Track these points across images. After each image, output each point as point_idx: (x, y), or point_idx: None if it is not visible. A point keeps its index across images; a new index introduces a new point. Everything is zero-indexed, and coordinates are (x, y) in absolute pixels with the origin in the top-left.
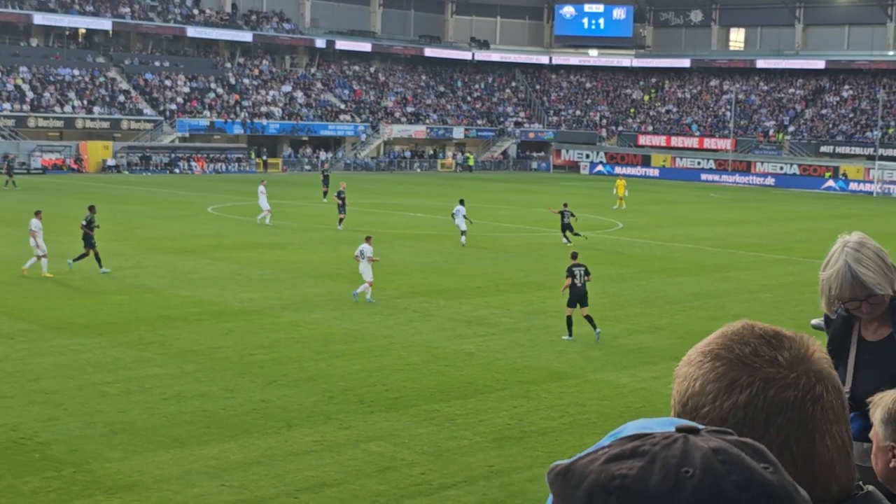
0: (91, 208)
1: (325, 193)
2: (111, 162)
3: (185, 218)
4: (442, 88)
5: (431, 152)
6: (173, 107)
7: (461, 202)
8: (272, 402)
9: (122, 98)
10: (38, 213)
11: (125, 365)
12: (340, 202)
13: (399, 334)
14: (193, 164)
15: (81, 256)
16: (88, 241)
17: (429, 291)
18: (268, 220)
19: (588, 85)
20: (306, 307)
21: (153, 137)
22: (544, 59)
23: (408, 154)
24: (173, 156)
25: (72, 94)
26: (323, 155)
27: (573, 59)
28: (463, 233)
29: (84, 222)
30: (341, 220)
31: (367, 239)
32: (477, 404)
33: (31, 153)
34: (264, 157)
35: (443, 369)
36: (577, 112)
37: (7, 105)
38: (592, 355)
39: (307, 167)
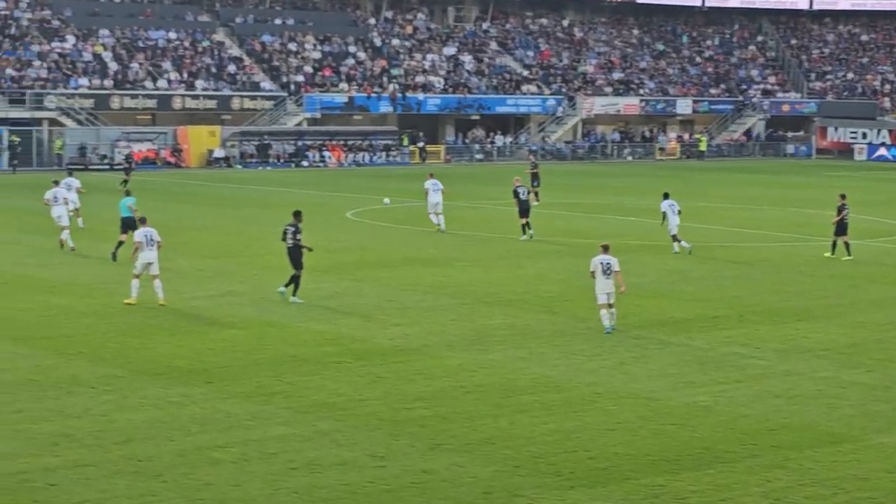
0: (297, 214)
1: (536, 195)
2: (219, 153)
3: (317, 226)
4: (661, 47)
5: (647, 134)
6: (300, 79)
7: (666, 196)
8: (436, 474)
9: (232, 68)
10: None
11: (241, 422)
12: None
13: (607, 381)
14: (327, 154)
15: (293, 280)
16: (297, 259)
17: (646, 322)
18: (442, 224)
19: (864, 37)
20: (480, 345)
21: (273, 120)
22: (802, 3)
23: (615, 137)
24: (300, 143)
25: (167, 65)
26: (511, 140)
27: (843, 3)
28: (675, 238)
29: (290, 234)
30: (525, 226)
31: (604, 248)
32: (716, 477)
33: (114, 143)
34: (421, 144)
35: (668, 429)
36: (850, 75)
37: (83, 80)
38: (875, 410)
39: (478, 156)
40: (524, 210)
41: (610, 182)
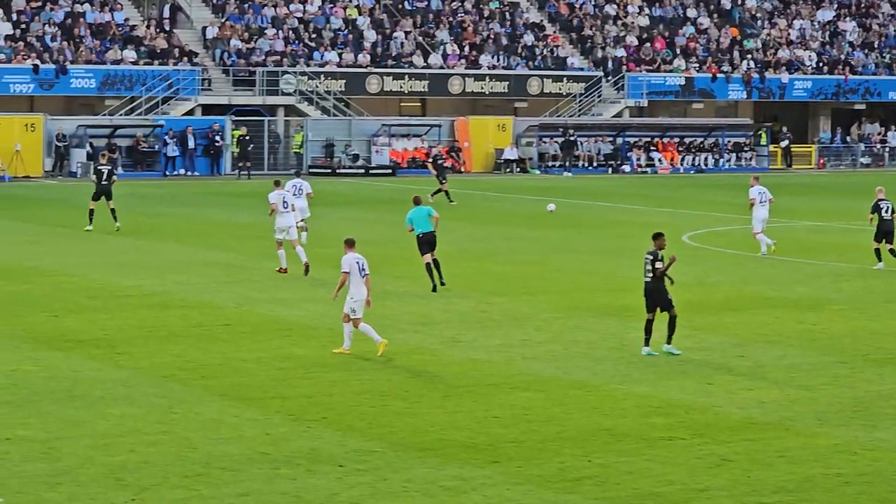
0: (657, 237)
1: None
2: (510, 153)
3: (639, 252)
4: None
5: None
6: (619, 53)
7: None
8: None
9: (528, 39)
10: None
11: None
12: None
13: None
14: (656, 155)
15: (669, 325)
16: (658, 298)
17: None
18: (763, 247)
19: None
20: (864, 418)
21: (584, 109)
22: None
23: None
24: (620, 141)
25: (442, 35)
26: None
27: None
28: None
29: (647, 264)
30: (881, 252)
31: None
32: None
33: (371, 138)
34: (785, 142)
35: None
36: None
37: (330, 55)
38: None
39: (863, 160)
40: (886, 232)
41: None
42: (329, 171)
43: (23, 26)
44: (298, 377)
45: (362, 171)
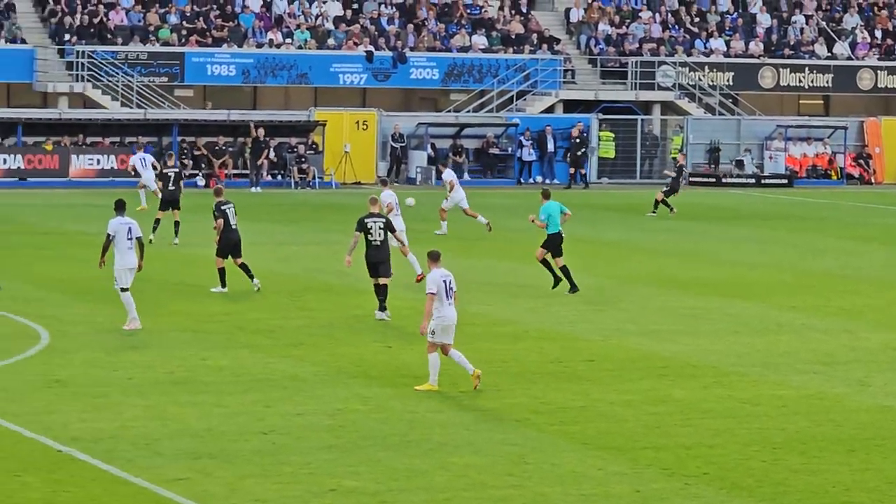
0: None
1: None
2: None
3: None
4: None
5: None
6: None
7: None
8: None
9: None
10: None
11: None
12: None
13: None
14: None
15: None
16: None
17: None
18: None
19: None
20: None
21: None
22: None
23: None
24: None
25: (851, 19)
26: None
27: None
28: None
29: None
30: None
31: None
32: None
33: (766, 142)
34: None
35: None
36: None
37: (717, 43)
38: None
39: None
40: None
41: None
42: (713, 180)
43: (355, 6)
44: (675, 424)
45: (753, 180)
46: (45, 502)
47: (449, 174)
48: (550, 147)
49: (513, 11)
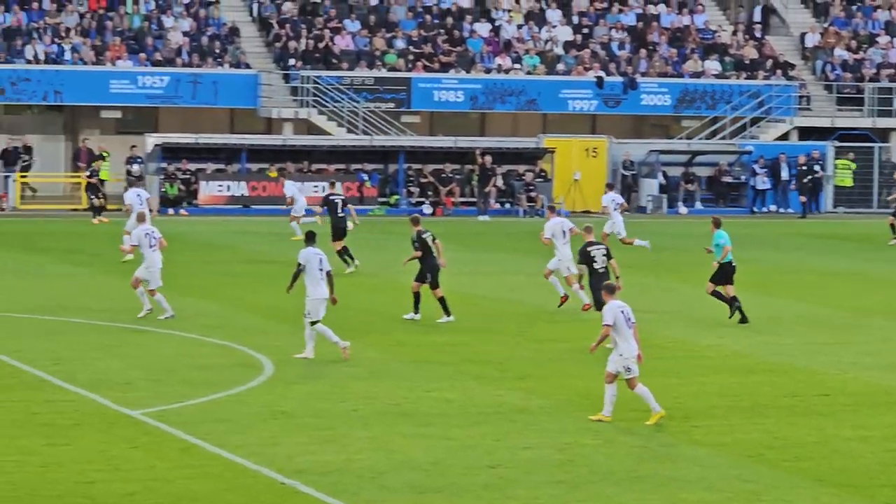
0: None
1: None
2: None
3: None
4: None
5: None
6: None
7: None
8: None
9: None
10: None
11: None
12: None
13: None
14: None
15: None
16: None
17: None
18: None
19: None
20: None
21: None
22: None
23: None
24: None
25: None
26: None
27: None
28: None
29: None
30: None
31: None
32: None
33: None
34: None
35: None
36: None
37: None
38: None
39: None
40: None
41: None
42: None
43: (585, 31)
44: None
45: None
46: None
47: (608, 198)
48: (785, 175)
49: (746, 36)
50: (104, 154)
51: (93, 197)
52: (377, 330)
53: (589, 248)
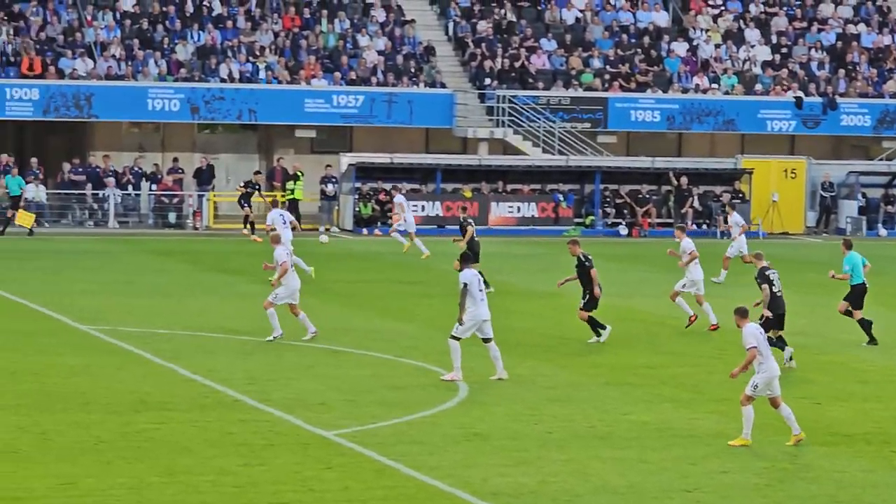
0: None
1: None
2: None
3: None
4: None
5: None
6: None
7: None
8: None
9: None
10: None
11: None
12: None
13: None
14: None
15: None
16: None
17: None
18: None
19: None
20: None
21: None
22: None
23: None
24: None
25: None
26: None
27: None
28: None
29: None
30: None
31: None
32: None
33: None
34: None
35: None
36: None
37: None
38: None
39: None
40: None
41: None
42: None
43: (783, 50)
44: None
45: None
46: None
47: (736, 218)
48: None
49: None
50: (299, 173)
51: (246, 206)
52: (572, 352)
53: (768, 272)
